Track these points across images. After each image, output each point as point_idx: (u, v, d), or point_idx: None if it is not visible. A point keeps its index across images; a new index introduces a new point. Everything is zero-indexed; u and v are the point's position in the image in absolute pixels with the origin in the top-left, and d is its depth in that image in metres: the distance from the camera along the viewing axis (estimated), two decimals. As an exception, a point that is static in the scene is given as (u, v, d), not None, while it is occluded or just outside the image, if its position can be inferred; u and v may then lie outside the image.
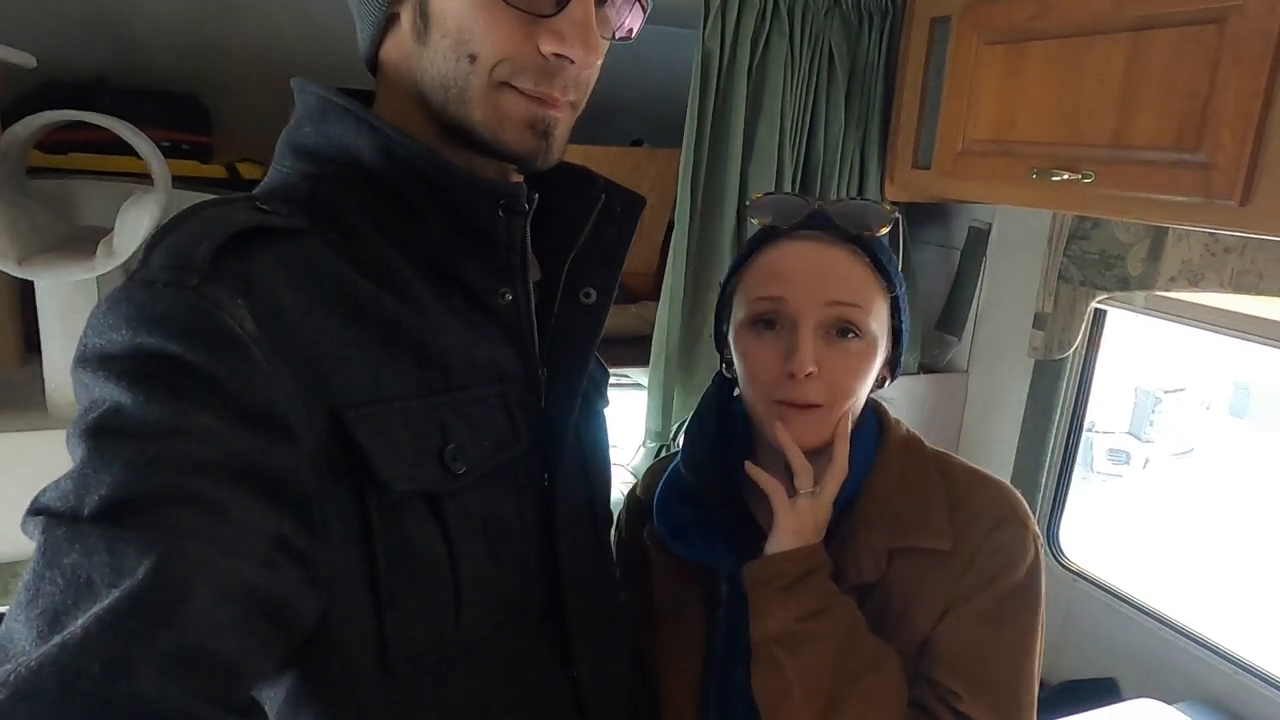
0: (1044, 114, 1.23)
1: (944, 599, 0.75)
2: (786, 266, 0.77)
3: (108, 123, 1.14)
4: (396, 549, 0.55)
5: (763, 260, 0.79)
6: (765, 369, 0.76)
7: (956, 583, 0.74)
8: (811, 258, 0.76)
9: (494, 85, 0.57)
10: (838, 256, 0.76)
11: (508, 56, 0.56)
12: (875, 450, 0.81)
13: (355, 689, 0.55)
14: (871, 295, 0.76)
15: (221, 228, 0.51)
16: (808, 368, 0.73)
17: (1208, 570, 8.73)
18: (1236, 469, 11.59)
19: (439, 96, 0.59)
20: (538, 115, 0.59)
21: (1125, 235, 1.42)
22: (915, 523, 0.76)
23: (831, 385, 0.75)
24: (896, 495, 0.78)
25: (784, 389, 0.75)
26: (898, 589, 0.76)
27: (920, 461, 0.80)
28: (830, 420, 0.77)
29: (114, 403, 0.45)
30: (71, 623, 0.39)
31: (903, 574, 0.76)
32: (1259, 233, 1.02)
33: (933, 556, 0.75)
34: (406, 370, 0.57)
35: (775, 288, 0.76)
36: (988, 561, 0.75)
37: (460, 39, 0.56)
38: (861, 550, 0.76)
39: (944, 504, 0.77)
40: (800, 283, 0.75)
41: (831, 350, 0.75)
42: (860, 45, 1.53)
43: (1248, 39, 0.96)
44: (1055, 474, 1.68)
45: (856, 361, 0.76)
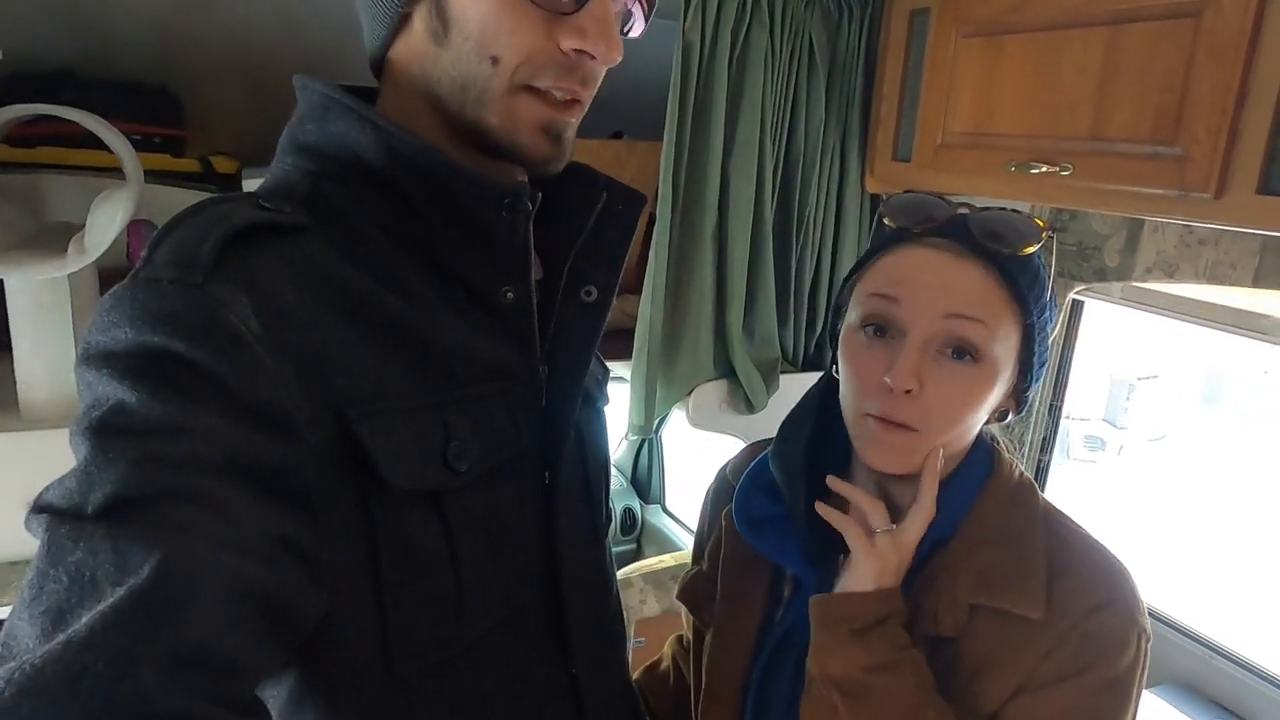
0: (1022, 107, 1.23)
1: (1022, 673, 0.67)
2: (907, 271, 0.70)
3: (77, 116, 1.12)
4: (399, 548, 0.55)
5: (885, 261, 0.73)
6: (864, 377, 0.70)
7: (1040, 659, 0.66)
8: (937, 267, 0.69)
9: (514, 88, 0.58)
10: (968, 270, 0.68)
11: (529, 58, 0.57)
12: (977, 493, 0.73)
13: (357, 687, 0.55)
14: (999, 316, 0.68)
15: (225, 225, 0.51)
16: (906, 383, 0.66)
17: (1181, 554, 8.89)
18: (1207, 454, 11.81)
19: (457, 98, 0.59)
20: (552, 119, 0.59)
21: (1102, 227, 1.44)
22: (1007, 582, 0.68)
23: (931, 409, 0.68)
24: (992, 547, 0.70)
25: (877, 402, 0.69)
26: (973, 650, 0.69)
27: (1026, 515, 0.72)
28: (920, 448, 0.69)
29: (117, 400, 0.46)
30: (75, 621, 0.39)
31: (982, 634, 0.69)
32: (1232, 225, 1.03)
33: (1019, 623, 0.67)
34: (409, 369, 0.57)
35: (892, 287, 0.70)
36: (1082, 646, 0.66)
37: (483, 41, 0.56)
38: (941, 601, 0.69)
39: (1044, 568, 0.69)
40: (919, 287, 0.68)
41: (940, 370, 0.68)
42: (840, 38, 1.54)
43: (1222, 33, 0.97)
44: (1034, 462, 1.70)
45: (966, 387, 0.68)
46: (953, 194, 1.67)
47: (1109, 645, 0.66)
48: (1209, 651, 1.41)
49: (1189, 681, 1.42)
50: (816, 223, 1.62)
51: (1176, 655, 1.44)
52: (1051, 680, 0.66)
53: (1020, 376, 0.73)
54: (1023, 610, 0.67)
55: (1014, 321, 0.70)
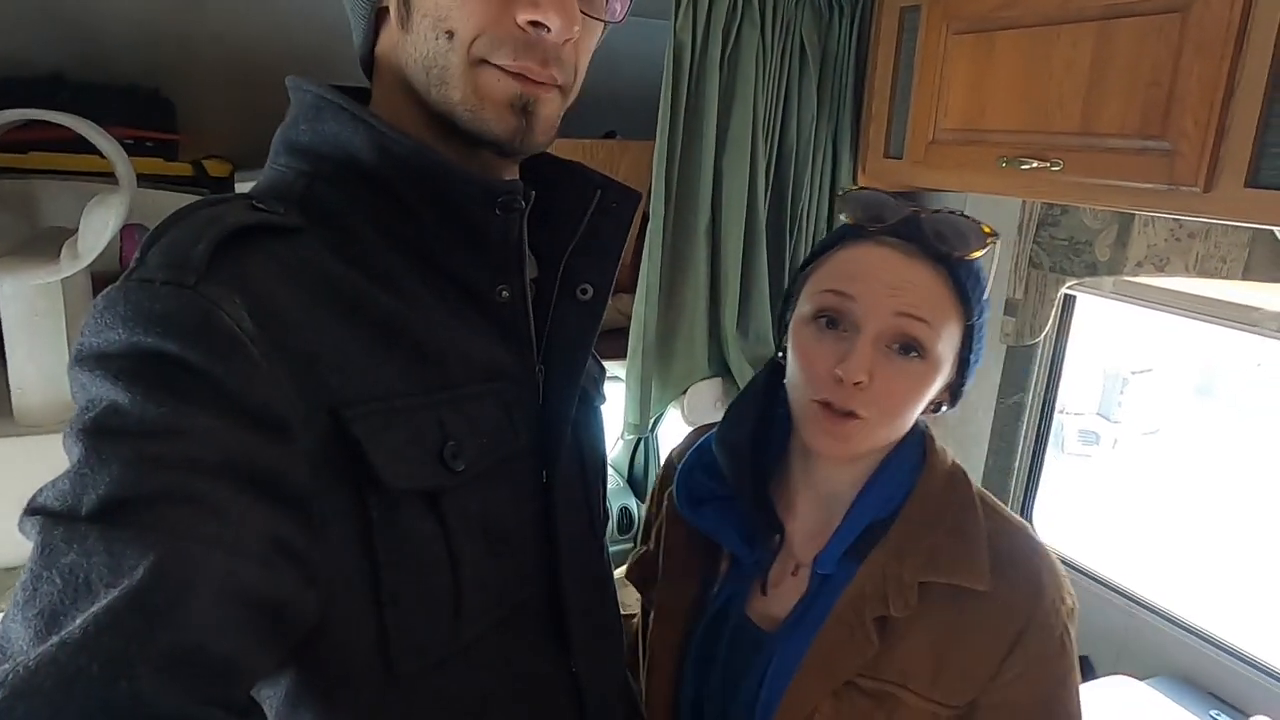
0: (1012, 103, 1.24)
1: (985, 649, 0.72)
2: (862, 269, 0.73)
3: (68, 120, 1.11)
4: (396, 548, 0.55)
5: (840, 256, 0.76)
6: (816, 367, 0.73)
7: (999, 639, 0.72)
8: (891, 266, 0.72)
9: (473, 63, 0.57)
10: (919, 271, 0.72)
11: (485, 30, 0.56)
12: (912, 477, 0.78)
13: (355, 687, 0.55)
14: (945, 316, 0.73)
15: (218, 226, 0.51)
16: (858, 376, 0.70)
17: (1176, 546, 8.92)
18: (1201, 447, 11.85)
19: (421, 80, 0.59)
20: (517, 92, 0.58)
21: (1093, 222, 1.44)
22: (952, 558, 0.73)
23: (878, 401, 0.71)
24: (934, 528, 0.75)
25: (829, 391, 0.72)
26: (930, 631, 0.73)
27: (964, 496, 0.77)
28: (864, 436, 0.73)
29: (111, 402, 0.45)
30: (70, 623, 0.39)
31: (935, 614, 0.73)
32: (1221, 218, 1.04)
33: (968, 597, 0.72)
34: (405, 368, 0.57)
35: (846, 284, 0.73)
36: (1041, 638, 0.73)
37: (438, 16, 0.56)
38: (889, 583, 0.73)
39: (986, 544, 0.73)
40: (873, 287, 0.72)
41: (888, 364, 0.71)
42: (831, 35, 1.54)
43: (1209, 28, 0.98)
44: (1029, 457, 1.71)
45: (913, 382, 0.72)
46: (945, 190, 1.68)
47: (1065, 640, 0.74)
48: (1204, 643, 1.41)
49: (1184, 673, 1.43)
50: (809, 219, 1.62)
51: (1172, 647, 1.45)
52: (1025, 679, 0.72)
53: (958, 373, 0.77)
54: (970, 583, 0.72)
55: (958, 321, 0.74)
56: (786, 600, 0.79)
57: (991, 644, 0.72)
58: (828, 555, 0.78)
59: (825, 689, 0.73)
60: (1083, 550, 1.64)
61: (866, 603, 0.73)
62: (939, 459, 0.80)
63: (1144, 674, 1.43)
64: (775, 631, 0.79)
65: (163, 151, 1.45)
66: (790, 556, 0.81)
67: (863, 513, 0.77)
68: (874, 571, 0.74)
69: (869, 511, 0.77)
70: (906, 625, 0.73)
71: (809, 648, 0.74)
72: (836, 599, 0.75)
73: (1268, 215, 0.97)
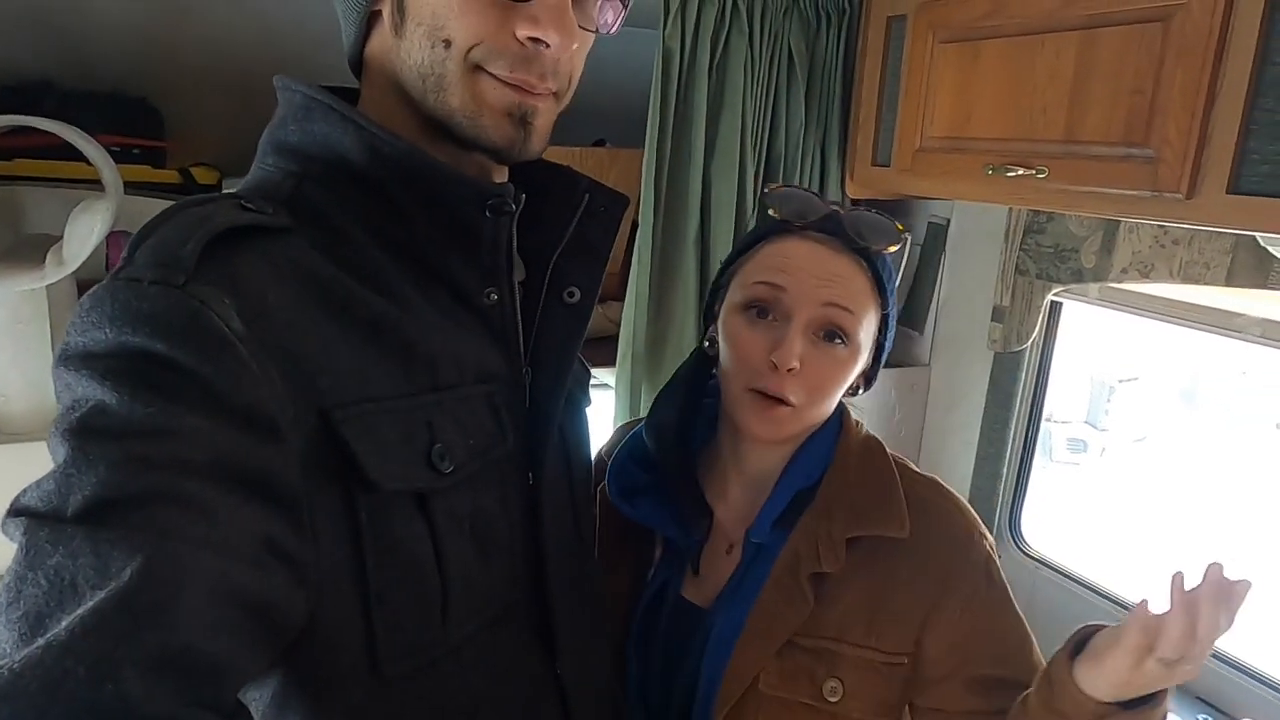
0: (998, 111, 1.25)
1: (915, 596, 0.78)
2: (791, 262, 0.78)
3: (55, 127, 1.11)
4: (385, 548, 0.55)
5: (769, 250, 0.80)
6: (750, 355, 0.77)
7: (927, 588, 0.78)
8: (817, 258, 0.78)
9: (470, 70, 0.57)
10: (842, 263, 0.78)
11: (482, 39, 0.57)
12: (832, 447, 0.84)
13: (342, 688, 0.55)
14: (865, 306, 0.79)
15: (207, 226, 0.51)
16: (792, 361, 0.75)
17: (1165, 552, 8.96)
18: (1189, 454, 11.92)
19: (418, 87, 0.59)
20: (515, 102, 0.59)
21: (1079, 229, 1.46)
22: (875, 512, 0.79)
23: (810, 385, 0.77)
24: (856, 488, 0.81)
25: (763, 379, 0.76)
26: (863, 586, 0.78)
27: (879, 458, 0.84)
28: (800, 420, 0.79)
29: (98, 402, 0.45)
30: (55, 625, 0.39)
31: (864, 567, 0.78)
32: (1204, 224, 1.05)
33: (893, 546, 0.78)
34: (394, 369, 0.57)
35: (777, 276, 0.78)
36: (973, 576, 0.79)
37: (435, 25, 0.57)
38: (821, 541, 0.78)
39: (902, 497, 0.80)
40: (802, 277, 0.77)
41: (817, 352, 0.77)
42: (819, 44, 1.55)
43: (1191, 36, 0.99)
44: (1016, 463, 1.71)
45: (838, 367, 0.78)
46: (932, 197, 1.69)
47: (991, 570, 0.80)
48: (1191, 647, 1.42)
49: (1172, 677, 1.43)
50: (798, 228, 1.63)
51: (1160, 651, 1.45)
52: (965, 615, 0.78)
53: (873, 359, 0.84)
54: (893, 531, 0.78)
55: (876, 310, 0.80)
56: (721, 576, 0.84)
57: (920, 586, 0.78)
58: (759, 526, 0.82)
59: (768, 650, 0.77)
60: (1074, 558, 1.65)
61: (800, 562, 0.78)
62: (854, 428, 0.86)
63: (1132, 679, 1.43)
64: (712, 605, 0.83)
65: (150, 158, 1.45)
66: (722, 537, 0.86)
67: (789, 484, 0.82)
68: (805, 533, 0.80)
69: (795, 482, 0.82)
70: (839, 582, 0.78)
71: (749, 613, 0.79)
72: (770, 566, 0.80)
73: (1249, 221, 0.98)
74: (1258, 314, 1.28)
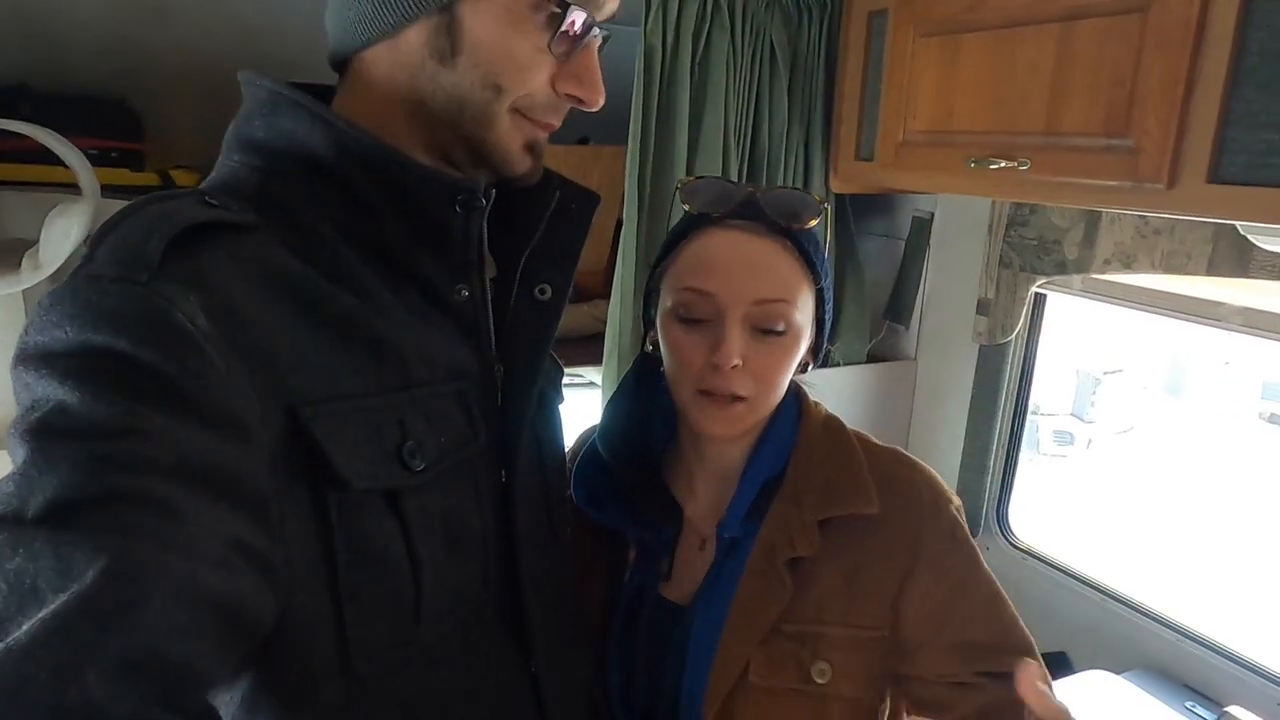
0: (980, 104, 1.26)
1: (890, 568, 0.79)
2: (716, 258, 0.77)
3: (31, 131, 1.10)
4: (356, 547, 0.55)
5: (692, 249, 0.79)
6: (691, 359, 0.77)
7: (899, 558, 0.78)
8: (741, 250, 0.77)
9: (510, 112, 0.61)
10: (766, 248, 0.77)
11: (531, 93, 0.60)
12: (794, 432, 0.84)
13: (314, 689, 0.54)
14: (798, 288, 0.78)
15: (171, 223, 0.50)
16: (733, 360, 0.74)
17: (1151, 541, 9.04)
18: (1173, 444, 12.04)
19: (452, 115, 0.60)
20: (536, 138, 0.63)
21: (1061, 220, 1.46)
22: (843, 491, 0.80)
23: (757, 376, 0.77)
24: (820, 469, 0.81)
25: (709, 380, 0.76)
26: (838, 565, 0.79)
27: (841, 438, 0.84)
28: (754, 411, 0.79)
29: (58, 402, 0.44)
30: (16, 629, 0.38)
31: (837, 547, 0.79)
32: (1184, 214, 1.06)
33: (864, 524, 0.79)
34: (363, 367, 0.56)
35: (703, 280, 0.76)
36: (943, 546, 0.79)
37: (491, 70, 0.59)
38: (793, 526, 0.79)
39: (868, 474, 0.81)
40: (729, 278, 0.76)
41: (757, 343, 0.77)
42: (801, 39, 1.55)
43: (1169, 27, 1.00)
44: (1003, 456, 1.72)
45: (781, 354, 0.78)
46: (916, 191, 1.69)
47: (957, 533, 0.80)
48: (1179, 636, 1.43)
49: (1160, 666, 1.44)
50: (783, 223, 1.63)
51: (1147, 640, 1.47)
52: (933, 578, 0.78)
53: (816, 334, 0.83)
54: (863, 508, 0.78)
55: (809, 288, 0.79)
56: (697, 573, 0.83)
57: (891, 558, 0.79)
58: (730, 519, 0.82)
59: (753, 641, 0.77)
60: (1061, 548, 1.66)
61: (775, 550, 0.79)
62: (813, 411, 0.86)
63: (1120, 668, 1.45)
64: (691, 602, 0.82)
65: (128, 162, 1.43)
66: (694, 534, 0.86)
67: (756, 474, 0.82)
68: (777, 521, 0.80)
69: (761, 472, 0.82)
70: (815, 565, 0.78)
71: (730, 605, 0.78)
72: (746, 558, 0.80)
73: (1229, 210, 0.99)
74: (1239, 302, 1.29)
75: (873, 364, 1.84)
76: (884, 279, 1.89)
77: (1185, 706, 1.34)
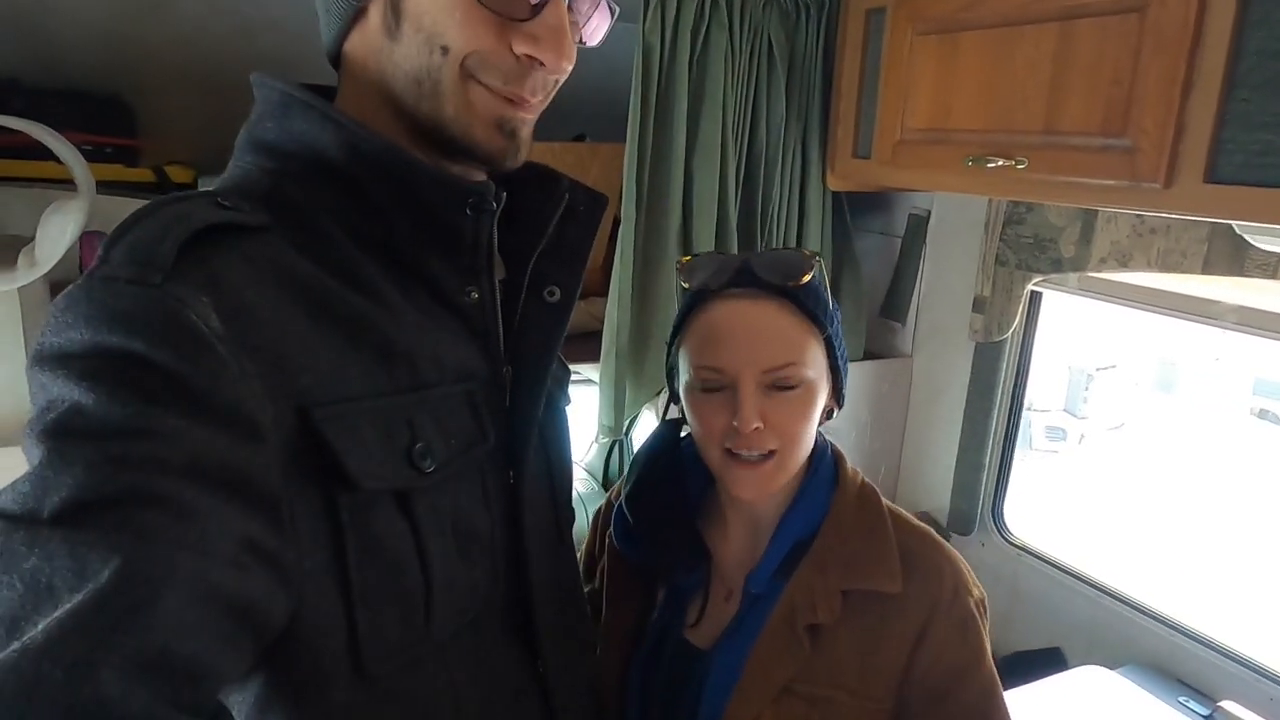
0: (977, 102, 1.26)
1: (903, 645, 0.79)
2: (720, 332, 0.80)
3: (24, 126, 1.09)
4: (366, 548, 0.55)
5: (699, 323, 0.82)
6: (714, 425, 0.80)
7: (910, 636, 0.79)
8: (743, 318, 0.80)
9: (464, 77, 0.58)
10: (767, 311, 0.80)
11: (478, 50, 0.57)
12: (828, 498, 0.85)
13: (325, 689, 0.54)
14: (804, 345, 0.80)
15: (184, 224, 0.50)
16: (751, 424, 0.77)
17: (1143, 536, 9.09)
18: (1165, 440, 12.10)
19: (411, 92, 0.59)
20: (505, 115, 0.60)
21: (1058, 219, 1.47)
22: (869, 566, 0.80)
23: (779, 433, 0.79)
24: (851, 541, 0.82)
25: (735, 440, 0.79)
26: (854, 635, 0.79)
27: (875, 510, 0.85)
28: (784, 468, 0.81)
29: (74, 403, 0.44)
30: (31, 629, 0.38)
31: (857, 619, 0.80)
32: (1181, 213, 1.06)
33: (885, 601, 0.79)
34: (373, 368, 0.57)
35: (713, 357, 0.80)
36: (959, 634, 0.80)
37: (434, 31, 0.57)
38: (816, 593, 0.80)
39: (896, 551, 0.81)
40: (736, 349, 0.79)
41: (774, 401, 0.79)
42: (798, 37, 1.55)
43: (1167, 27, 1.00)
44: (998, 453, 1.73)
45: (800, 407, 0.80)
46: (913, 189, 1.69)
47: (969, 624, 0.80)
48: (1172, 631, 1.44)
49: (1154, 661, 1.45)
50: (779, 220, 1.63)
51: (1141, 636, 1.48)
52: (936, 663, 0.78)
53: (834, 379, 0.85)
54: (885, 586, 0.79)
55: (817, 340, 0.81)
56: (721, 621, 0.85)
57: (903, 637, 0.79)
58: (759, 575, 0.84)
59: (766, 696, 0.78)
60: (1054, 544, 1.67)
61: (797, 613, 0.80)
62: (850, 479, 0.87)
63: (1114, 663, 1.45)
64: (712, 648, 0.84)
65: (123, 157, 1.42)
66: (722, 582, 0.88)
67: (787, 534, 0.84)
68: (801, 585, 0.81)
69: (793, 533, 0.84)
70: (833, 633, 0.79)
71: (747, 659, 0.80)
72: (768, 613, 0.81)
73: (1225, 210, 1.00)
74: (1235, 300, 1.30)
75: (869, 361, 1.85)
76: (881, 276, 1.89)
77: (1179, 701, 1.35)
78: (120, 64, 1.43)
